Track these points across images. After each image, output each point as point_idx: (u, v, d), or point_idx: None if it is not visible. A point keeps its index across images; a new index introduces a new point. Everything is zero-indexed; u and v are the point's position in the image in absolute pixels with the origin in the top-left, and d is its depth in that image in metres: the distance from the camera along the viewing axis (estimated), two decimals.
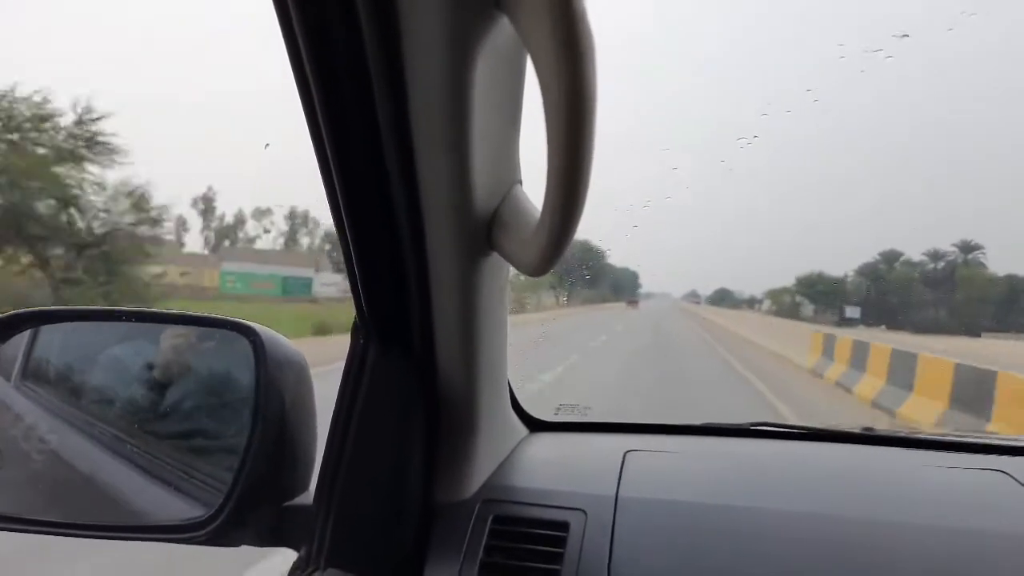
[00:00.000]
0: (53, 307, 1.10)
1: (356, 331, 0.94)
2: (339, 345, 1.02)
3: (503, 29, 0.65)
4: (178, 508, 0.97)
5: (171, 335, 1.12)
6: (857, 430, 1.38)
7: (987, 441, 1.32)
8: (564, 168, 0.58)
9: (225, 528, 0.90)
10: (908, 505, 1.02)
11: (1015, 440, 1.34)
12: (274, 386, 0.91)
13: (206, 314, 1.05)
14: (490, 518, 1.00)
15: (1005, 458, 1.18)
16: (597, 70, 0.53)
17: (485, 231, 0.81)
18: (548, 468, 1.18)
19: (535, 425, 1.33)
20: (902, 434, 1.37)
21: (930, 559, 0.90)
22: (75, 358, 1.19)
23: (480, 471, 1.05)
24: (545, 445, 1.27)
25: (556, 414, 1.50)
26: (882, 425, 1.38)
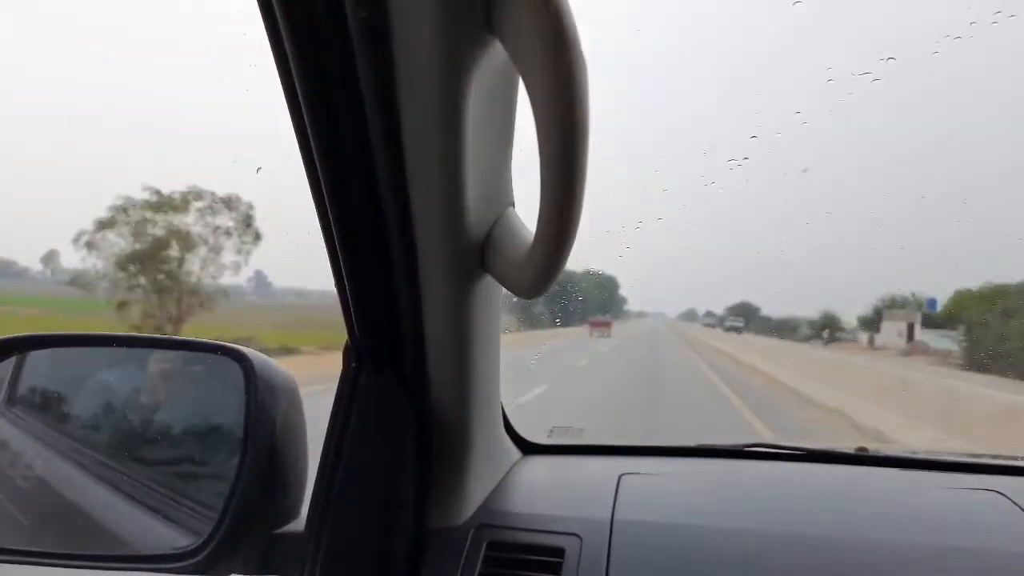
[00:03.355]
0: (40, 333, 1.08)
1: (348, 354, 0.93)
2: None
3: (496, 53, 0.66)
4: (166, 536, 0.95)
5: (159, 360, 1.11)
6: (851, 451, 1.38)
7: (982, 461, 1.32)
8: (558, 191, 0.58)
9: (214, 558, 0.88)
10: (904, 525, 1.02)
11: (1010, 460, 1.34)
12: (265, 412, 0.90)
13: (196, 339, 1.04)
14: (484, 544, 0.98)
15: (1001, 478, 1.18)
16: (589, 94, 0.53)
17: (478, 253, 0.81)
18: (542, 492, 1.17)
19: (528, 448, 1.32)
20: (897, 454, 1.37)
21: None
22: (62, 384, 1.18)
23: (474, 496, 1.04)
24: (539, 468, 1.26)
25: (549, 436, 1.49)
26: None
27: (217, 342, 0.99)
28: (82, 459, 1.08)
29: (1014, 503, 1.05)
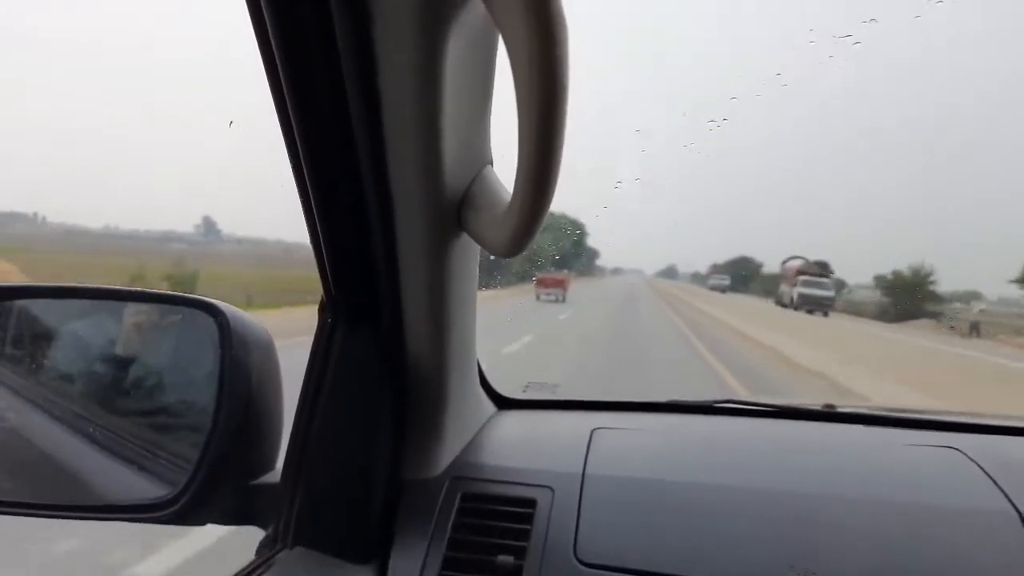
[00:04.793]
0: (7, 283, 1.07)
1: (323, 310, 0.94)
2: None
3: (476, 12, 0.65)
4: (142, 487, 0.95)
5: (133, 312, 1.10)
6: (819, 407, 1.42)
7: (942, 418, 1.36)
8: (536, 150, 0.58)
9: (190, 507, 0.89)
10: (866, 481, 1.06)
11: (968, 417, 1.39)
12: (240, 365, 0.90)
13: (170, 292, 1.03)
14: (458, 495, 1.01)
15: (958, 435, 1.22)
16: (570, 54, 0.53)
17: (455, 212, 0.81)
18: (516, 446, 1.19)
19: (504, 403, 1.34)
20: (862, 411, 1.40)
21: (884, 534, 0.94)
22: (34, 334, 1.17)
23: (449, 449, 1.06)
24: (513, 422, 1.28)
25: (525, 391, 1.51)
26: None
27: (190, 296, 0.99)
28: (56, 410, 1.07)
29: (970, 459, 1.09)
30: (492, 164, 0.85)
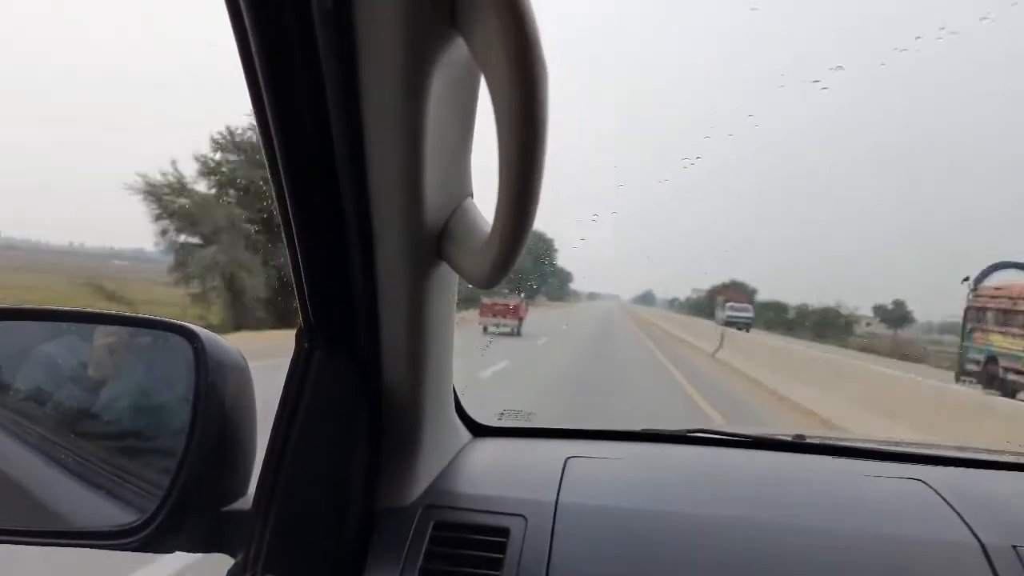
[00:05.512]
0: None
1: (301, 336, 0.94)
2: None
3: (459, 49, 0.67)
4: (110, 513, 0.94)
5: (105, 334, 1.09)
6: (789, 438, 1.44)
7: (908, 450, 1.39)
8: (515, 184, 0.60)
9: (159, 534, 0.88)
10: (834, 512, 1.07)
11: (933, 449, 1.42)
12: (214, 390, 0.90)
13: (144, 315, 1.02)
14: (431, 524, 1.00)
15: (923, 467, 1.25)
16: (549, 92, 0.55)
17: (435, 243, 0.82)
18: (490, 474, 1.19)
19: (478, 430, 1.35)
20: (831, 442, 1.42)
21: (853, 565, 0.95)
22: (1, 355, 1.15)
23: (423, 476, 1.06)
24: (488, 450, 1.29)
25: (500, 419, 1.52)
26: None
27: (165, 319, 0.98)
28: (22, 432, 1.05)
29: (935, 491, 1.12)
30: (472, 197, 0.88)
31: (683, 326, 29.35)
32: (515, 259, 0.67)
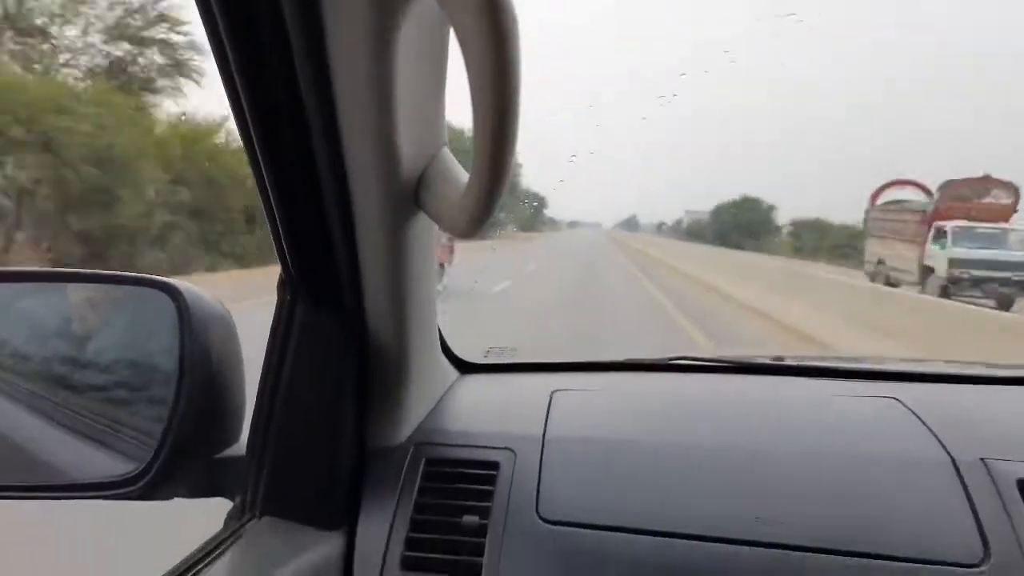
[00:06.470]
0: None
1: (283, 286, 0.94)
2: None
3: (427, 1, 0.65)
4: (106, 465, 0.95)
5: (88, 289, 1.08)
6: (769, 360, 1.48)
7: (884, 368, 1.44)
8: (490, 133, 0.59)
9: (157, 482, 0.90)
10: (811, 434, 1.11)
11: (907, 366, 1.47)
12: (200, 344, 0.90)
13: (124, 272, 1.01)
14: (423, 461, 1.03)
15: (900, 384, 1.29)
16: (520, 36, 0.53)
17: (412, 192, 0.82)
18: (478, 410, 1.22)
19: (465, 368, 1.37)
20: (808, 363, 1.46)
21: (832, 483, 0.99)
22: None
23: (412, 416, 1.08)
24: (475, 387, 1.31)
25: (486, 356, 1.54)
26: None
27: (147, 276, 0.97)
28: (10, 389, 1.06)
29: (908, 409, 1.16)
30: (448, 146, 0.86)
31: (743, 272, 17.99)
32: (494, 207, 0.67)
